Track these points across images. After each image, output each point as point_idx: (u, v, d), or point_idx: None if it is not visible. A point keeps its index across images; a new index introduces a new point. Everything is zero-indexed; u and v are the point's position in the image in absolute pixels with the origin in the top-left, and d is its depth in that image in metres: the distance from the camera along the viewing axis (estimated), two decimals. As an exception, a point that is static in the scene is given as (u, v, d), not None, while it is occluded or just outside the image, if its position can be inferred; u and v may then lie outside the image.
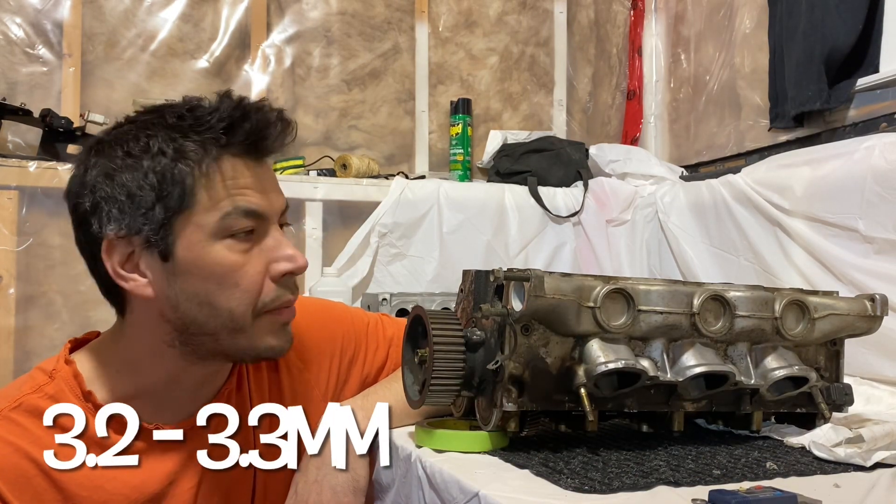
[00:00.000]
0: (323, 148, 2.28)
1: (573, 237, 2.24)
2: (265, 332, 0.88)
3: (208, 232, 0.83)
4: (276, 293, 0.87)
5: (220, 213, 0.83)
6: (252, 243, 0.86)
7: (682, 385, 0.88)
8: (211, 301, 0.84)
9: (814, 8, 1.82)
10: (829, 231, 1.55)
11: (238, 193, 0.84)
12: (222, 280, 0.84)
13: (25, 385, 0.87)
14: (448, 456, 0.84)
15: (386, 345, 1.10)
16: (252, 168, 0.86)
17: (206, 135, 0.84)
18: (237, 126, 0.85)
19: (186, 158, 0.83)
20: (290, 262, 0.87)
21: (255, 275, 0.85)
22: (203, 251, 0.83)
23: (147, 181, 0.82)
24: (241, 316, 0.85)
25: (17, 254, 1.79)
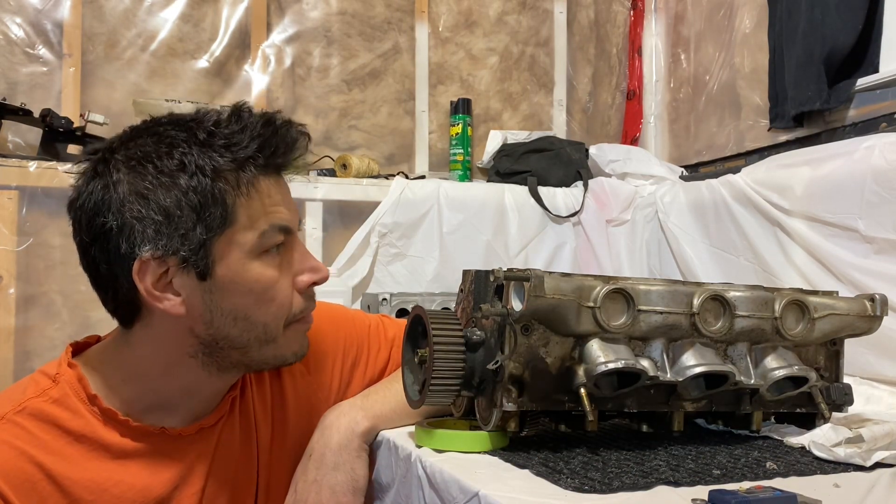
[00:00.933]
0: (323, 148, 2.28)
1: (573, 237, 2.24)
2: (291, 341, 0.91)
3: (247, 250, 0.84)
4: (303, 304, 0.90)
5: (258, 231, 0.85)
6: (281, 257, 0.88)
7: (682, 385, 0.88)
8: (248, 316, 0.86)
9: (814, 8, 1.82)
10: (829, 231, 1.55)
11: (273, 211, 0.86)
12: (261, 296, 0.86)
13: (29, 389, 0.86)
14: (448, 456, 0.84)
15: (388, 346, 1.10)
16: (278, 184, 0.88)
17: (240, 154, 0.83)
18: (268, 145, 0.85)
19: (224, 178, 0.82)
20: (314, 274, 0.90)
21: (288, 288, 0.88)
22: (243, 269, 0.84)
23: (187, 201, 0.81)
24: (275, 329, 0.88)
25: (17, 254, 1.79)
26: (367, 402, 0.97)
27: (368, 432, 0.95)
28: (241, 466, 0.96)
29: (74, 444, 0.84)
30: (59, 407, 0.84)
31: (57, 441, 0.84)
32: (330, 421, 0.95)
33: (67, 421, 0.84)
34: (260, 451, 0.97)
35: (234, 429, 0.96)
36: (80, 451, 0.84)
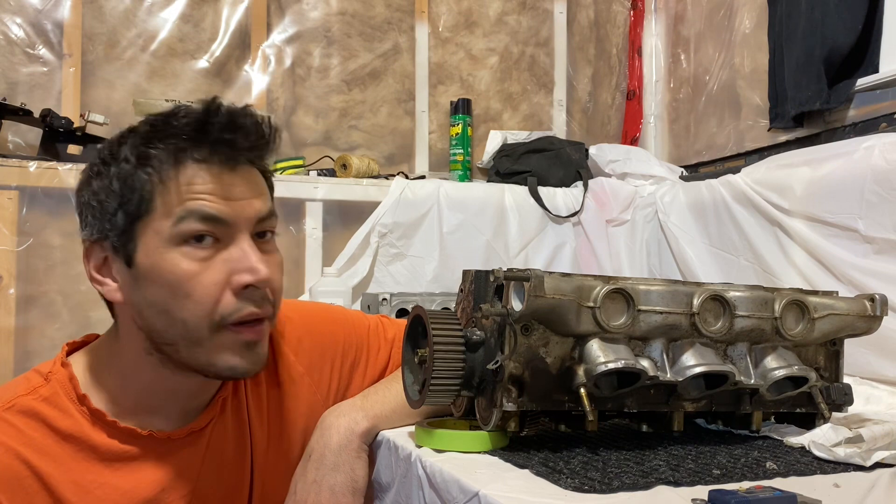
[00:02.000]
0: (323, 148, 2.28)
1: (573, 237, 2.24)
2: (225, 350, 0.84)
3: (164, 238, 0.81)
4: (235, 306, 0.82)
5: (174, 217, 0.81)
6: (214, 252, 0.82)
7: (682, 385, 0.88)
8: (167, 310, 0.82)
9: (814, 8, 1.82)
10: (829, 231, 1.55)
11: (193, 198, 0.81)
12: (175, 289, 0.81)
13: (20, 386, 0.86)
14: (448, 456, 0.84)
15: (388, 347, 1.10)
16: (218, 175, 0.83)
17: (170, 141, 0.82)
18: (202, 132, 0.82)
19: (148, 165, 0.82)
20: (250, 274, 0.82)
21: (211, 285, 0.81)
22: (160, 258, 0.82)
23: (112, 188, 0.83)
24: (196, 328, 0.82)
25: (17, 254, 1.79)
26: (367, 403, 0.97)
27: (368, 432, 0.94)
28: (233, 468, 0.95)
29: (62, 443, 0.84)
30: (48, 405, 0.85)
31: (45, 439, 0.84)
32: (330, 421, 0.94)
33: (56, 420, 0.84)
34: (255, 453, 0.97)
35: (226, 430, 0.95)
36: (67, 451, 0.84)
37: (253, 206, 0.85)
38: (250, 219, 0.85)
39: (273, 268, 0.87)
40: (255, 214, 0.85)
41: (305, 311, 1.09)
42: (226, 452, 0.95)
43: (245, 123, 0.84)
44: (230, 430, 0.96)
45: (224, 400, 0.95)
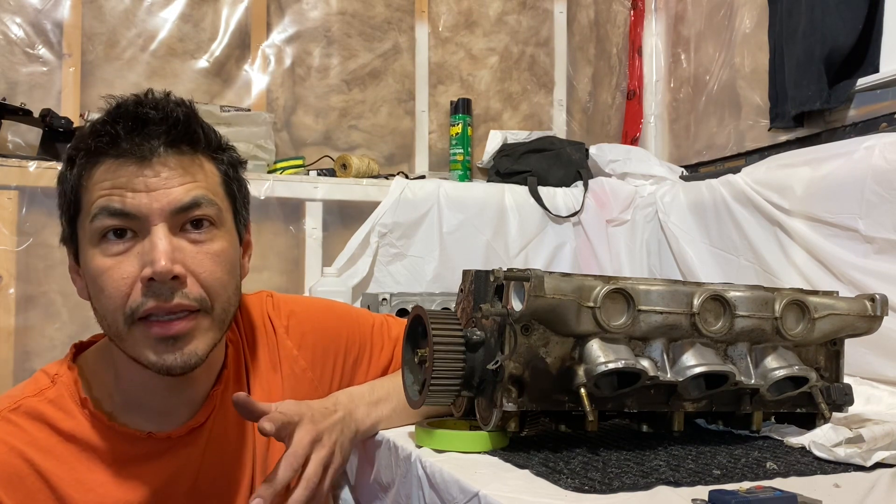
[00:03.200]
0: (323, 148, 2.28)
1: (573, 237, 2.24)
2: (140, 345, 0.83)
3: (87, 237, 0.84)
4: (139, 300, 0.81)
5: (91, 215, 0.82)
6: (131, 246, 0.82)
7: (682, 385, 0.88)
8: (96, 306, 0.85)
9: (814, 8, 1.82)
10: (829, 231, 1.55)
11: (106, 194, 0.82)
12: (94, 284, 0.84)
13: (28, 387, 0.88)
14: (448, 456, 0.84)
15: (391, 345, 1.10)
16: (132, 168, 0.82)
17: (88, 141, 0.84)
18: (110, 129, 0.82)
19: (73, 167, 0.85)
20: (150, 267, 0.80)
21: (119, 280, 0.81)
22: (86, 256, 0.84)
23: (58, 191, 0.88)
24: (114, 323, 0.83)
25: (17, 254, 1.79)
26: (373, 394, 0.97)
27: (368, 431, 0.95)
28: (235, 461, 0.95)
29: (65, 443, 0.85)
30: (53, 407, 0.86)
31: (49, 439, 0.85)
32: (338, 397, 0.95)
33: (60, 421, 0.85)
34: (257, 447, 0.97)
35: (227, 424, 0.95)
36: (71, 450, 0.85)
37: (168, 196, 0.82)
38: (163, 210, 0.82)
39: (201, 258, 0.84)
40: (174, 203, 0.82)
41: (310, 307, 1.09)
42: (227, 446, 0.95)
43: (148, 114, 0.83)
44: (231, 425, 0.96)
45: (222, 393, 0.95)
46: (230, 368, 0.97)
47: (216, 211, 0.86)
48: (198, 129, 0.86)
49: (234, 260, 0.89)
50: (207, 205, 0.85)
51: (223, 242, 0.86)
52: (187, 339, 0.83)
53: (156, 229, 0.82)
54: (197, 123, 0.87)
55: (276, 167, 2.10)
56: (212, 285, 0.85)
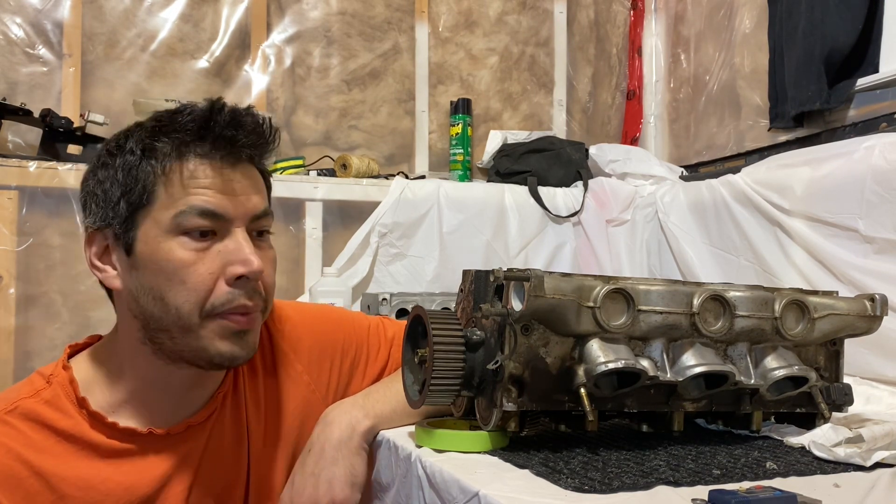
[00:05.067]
0: (323, 148, 2.28)
1: (573, 237, 2.24)
2: (215, 337, 0.86)
3: (164, 228, 0.85)
4: (227, 296, 0.85)
5: (176, 210, 0.84)
6: (210, 244, 0.85)
7: (682, 385, 0.88)
8: (162, 296, 0.85)
9: (814, 8, 1.82)
10: (829, 231, 1.55)
11: (196, 193, 0.85)
12: (171, 276, 0.84)
13: (24, 389, 0.88)
14: (448, 456, 0.84)
15: (387, 346, 1.10)
16: (220, 170, 0.86)
17: (175, 135, 0.85)
18: (205, 128, 0.85)
19: (152, 157, 0.85)
20: (243, 266, 0.85)
21: (205, 274, 0.84)
22: (158, 246, 0.85)
23: (116, 178, 0.86)
24: (188, 315, 0.85)
25: (17, 254, 1.79)
26: (369, 402, 0.97)
27: (369, 431, 0.95)
28: (231, 463, 0.96)
29: (63, 442, 0.86)
30: (49, 408, 0.86)
31: (46, 440, 0.85)
32: (332, 417, 0.95)
33: (57, 421, 0.86)
34: (252, 448, 0.98)
35: (224, 426, 0.96)
36: (69, 449, 0.86)
37: (251, 202, 0.88)
38: (247, 214, 0.87)
39: (266, 263, 0.89)
40: (252, 210, 0.88)
41: (305, 311, 1.10)
42: (224, 446, 0.96)
43: (246, 122, 0.87)
44: (228, 424, 0.96)
45: (224, 395, 0.96)
46: (231, 372, 0.98)
47: (272, 221, 0.93)
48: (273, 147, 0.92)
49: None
50: (270, 216, 0.92)
51: (274, 249, 0.94)
52: (252, 335, 0.89)
53: (238, 231, 0.87)
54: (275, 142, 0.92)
55: (276, 167, 2.10)
56: (270, 287, 0.92)
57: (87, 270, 0.93)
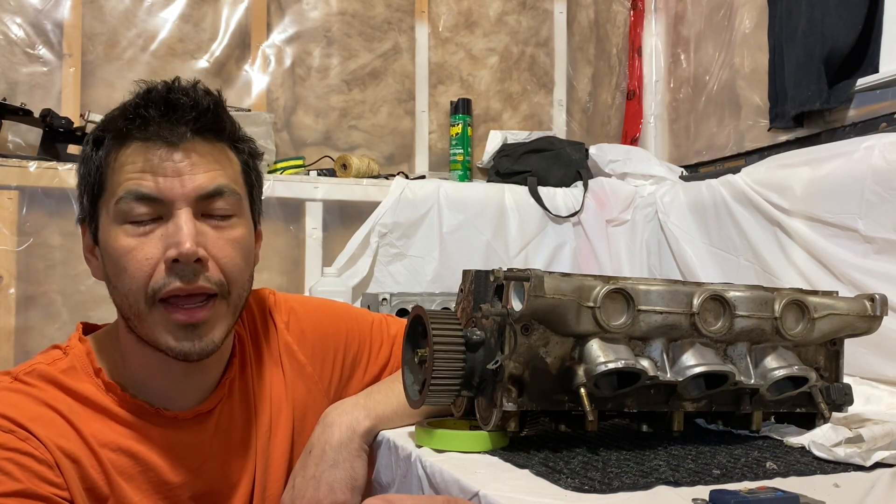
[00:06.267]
0: (323, 148, 2.28)
1: (573, 237, 2.24)
2: (161, 328, 0.85)
3: (111, 217, 0.86)
4: (163, 280, 0.84)
5: (116, 197, 0.85)
6: (154, 228, 0.85)
7: (682, 385, 0.88)
8: (116, 284, 0.86)
9: (813, 8, 1.82)
10: (829, 231, 1.55)
11: (131, 178, 0.85)
12: (116, 263, 0.85)
13: (40, 358, 0.90)
14: (448, 456, 0.84)
15: (389, 343, 1.11)
16: (160, 154, 0.85)
17: (114, 124, 0.87)
18: (136, 114, 0.85)
19: (100, 148, 0.88)
20: (175, 248, 0.83)
21: (143, 260, 0.84)
22: (108, 235, 0.86)
23: (81, 171, 0.91)
24: (135, 302, 0.85)
25: (17, 254, 1.79)
26: (370, 402, 0.97)
27: (369, 432, 0.95)
28: (240, 452, 0.96)
29: (80, 404, 0.87)
30: (65, 375, 0.87)
31: (65, 400, 0.86)
32: (332, 418, 0.95)
33: (74, 385, 0.87)
34: (258, 435, 0.98)
35: (233, 412, 0.97)
36: (86, 410, 0.87)
37: (194, 182, 0.85)
38: (190, 195, 0.85)
39: (223, 244, 0.87)
40: (197, 190, 0.86)
41: (310, 305, 1.11)
42: (233, 436, 0.96)
43: (180, 101, 0.86)
44: (238, 411, 0.97)
45: (231, 382, 0.97)
46: (237, 357, 0.99)
47: (237, 199, 0.89)
48: (225, 118, 0.90)
49: (251, 247, 0.92)
50: (230, 193, 0.88)
51: (242, 230, 0.90)
52: (207, 328, 0.86)
53: (180, 213, 0.84)
54: (224, 113, 0.90)
55: (276, 167, 2.11)
56: (231, 270, 0.88)
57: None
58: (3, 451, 0.78)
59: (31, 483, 0.78)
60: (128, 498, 0.86)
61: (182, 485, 0.91)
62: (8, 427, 0.80)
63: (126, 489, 0.86)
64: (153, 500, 0.88)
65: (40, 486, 0.78)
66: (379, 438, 0.96)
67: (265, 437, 0.99)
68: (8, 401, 0.83)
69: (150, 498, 0.88)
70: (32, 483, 0.78)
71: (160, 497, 0.89)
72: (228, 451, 0.95)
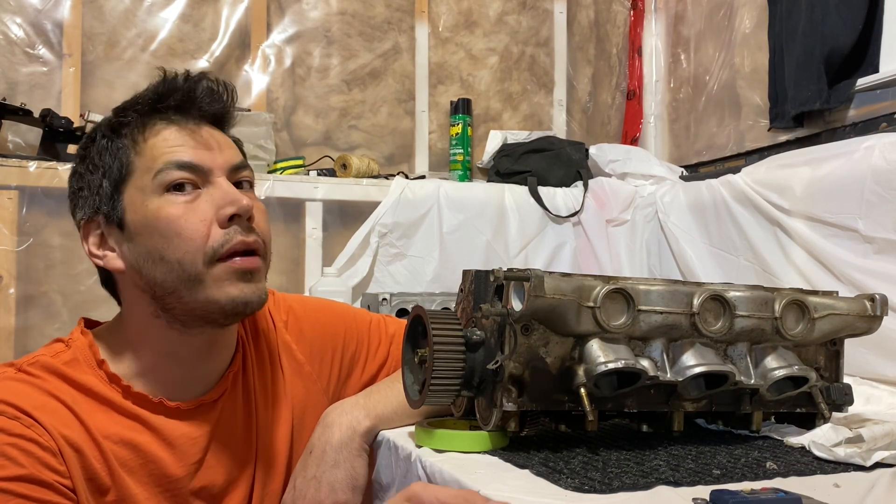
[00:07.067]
0: (323, 148, 2.28)
1: (573, 237, 2.24)
2: (223, 282, 0.87)
3: (148, 191, 0.87)
4: (224, 237, 0.87)
5: (154, 171, 0.87)
6: (196, 195, 0.88)
7: (682, 385, 0.88)
8: (162, 256, 0.86)
9: (814, 8, 1.82)
10: (829, 231, 1.55)
11: (170, 151, 0.88)
12: (165, 232, 0.86)
13: (43, 349, 0.91)
14: (448, 456, 0.84)
15: (387, 342, 1.11)
16: (188, 130, 0.90)
17: (137, 108, 0.90)
18: (163, 94, 0.90)
19: (121, 134, 0.89)
20: (232, 206, 0.87)
21: (197, 223, 0.86)
22: (146, 209, 0.87)
23: (94, 164, 0.90)
24: (191, 265, 0.86)
25: (17, 254, 1.79)
26: (370, 402, 0.97)
27: (369, 432, 0.95)
28: (241, 448, 0.97)
29: (83, 395, 0.87)
30: (68, 367, 0.88)
31: (69, 391, 0.87)
32: (332, 419, 0.95)
33: (76, 376, 0.88)
34: (259, 431, 0.98)
35: (236, 405, 0.97)
36: (88, 401, 0.87)
37: (226, 154, 0.91)
38: (225, 164, 0.90)
39: (256, 211, 0.91)
40: (230, 160, 0.91)
41: (308, 304, 1.11)
42: (235, 430, 0.97)
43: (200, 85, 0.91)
44: (240, 405, 0.98)
45: (234, 375, 0.97)
46: (240, 353, 0.99)
47: (252, 176, 0.95)
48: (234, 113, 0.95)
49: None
50: (249, 169, 0.94)
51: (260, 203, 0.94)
52: (259, 276, 0.90)
53: (220, 180, 0.89)
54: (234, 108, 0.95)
55: (276, 167, 2.11)
56: (265, 233, 0.92)
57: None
58: (7, 436, 0.79)
59: (34, 469, 0.78)
60: (129, 490, 0.86)
61: (183, 478, 0.91)
62: (13, 414, 0.80)
63: (127, 481, 0.86)
64: (154, 494, 0.88)
65: (43, 473, 0.79)
66: (379, 438, 0.96)
67: (265, 434, 0.99)
68: (13, 389, 0.83)
69: (150, 491, 0.88)
70: (36, 469, 0.78)
71: (161, 490, 0.89)
72: (229, 446, 0.95)
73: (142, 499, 0.87)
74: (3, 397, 0.82)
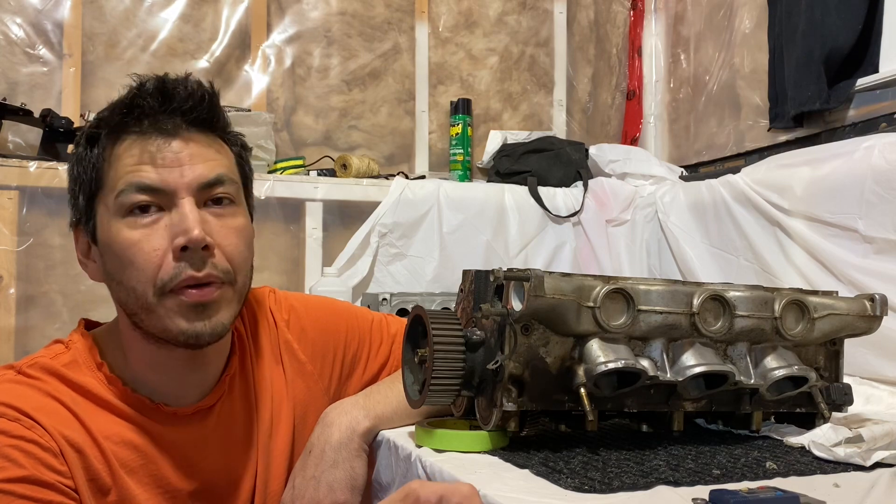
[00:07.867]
0: (323, 148, 2.28)
1: (573, 237, 2.24)
2: (174, 314, 0.85)
3: (112, 211, 0.85)
4: (174, 270, 0.83)
5: (116, 191, 0.85)
6: (157, 219, 0.85)
7: (682, 385, 0.88)
8: (120, 280, 0.86)
9: (813, 8, 1.82)
10: (829, 231, 1.55)
11: (132, 170, 0.85)
12: (121, 258, 0.84)
13: (42, 351, 0.91)
14: (448, 456, 0.84)
15: (389, 341, 1.11)
16: (155, 144, 0.85)
17: (108, 119, 0.87)
18: (132, 107, 0.86)
19: (95, 145, 0.88)
20: (183, 236, 0.83)
21: (151, 252, 0.83)
22: (109, 230, 0.86)
23: (74, 173, 0.90)
24: (143, 294, 0.84)
25: (17, 254, 1.79)
26: (370, 402, 0.97)
27: (369, 432, 0.95)
28: (241, 450, 0.96)
29: (82, 397, 0.87)
30: (68, 369, 0.88)
31: (68, 393, 0.86)
32: (331, 418, 0.95)
33: (76, 378, 0.87)
34: (260, 433, 0.98)
35: (234, 408, 0.97)
36: (88, 403, 0.87)
37: (195, 171, 0.86)
38: (191, 184, 0.85)
39: (226, 233, 0.87)
40: (198, 179, 0.86)
41: (310, 303, 1.11)
42: (234, 432, 0.96)
43: (177, 92, 0.86)
44: (239, 408, 0.97)
45: (232, 378, 0.97)
46: (237, 355, 0.99)
47: (235, 189, 0.90)
48: (218, 109, 0.90)
49: (251, 236, 0.93)
50: (229, 183, 0.89)
51: (242, 218, 0.91)
52: (216, 308, 0.86)
53: (183, 202, 0.85)
54: (218, 104, 0.90)
55: (276, 167, 2.11)
56: (235, 258, 0.88)
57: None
58: (8, 438, 0.78)
59: (35, 470, 0.78)
60: (130, 491, 0.86)
61: (183, 481, 0.91)
62: (13, 415, 0.80)
63: (129, 482, 0.86)
64: (154, 495, 0.88)
65: (45, 473, 0.79)
66: (379, 438, 0.96)
67: (266, 435, 0.99)
68: (13, 391, 0.83)
69: (151, 492, 0.88)
70: (37, 470, 0.78)
71: (161, 492, 0.89)
72: (229, 448, 0.95)
73: (142, 500, 0.87)
74: (3, 399, 0.81)
